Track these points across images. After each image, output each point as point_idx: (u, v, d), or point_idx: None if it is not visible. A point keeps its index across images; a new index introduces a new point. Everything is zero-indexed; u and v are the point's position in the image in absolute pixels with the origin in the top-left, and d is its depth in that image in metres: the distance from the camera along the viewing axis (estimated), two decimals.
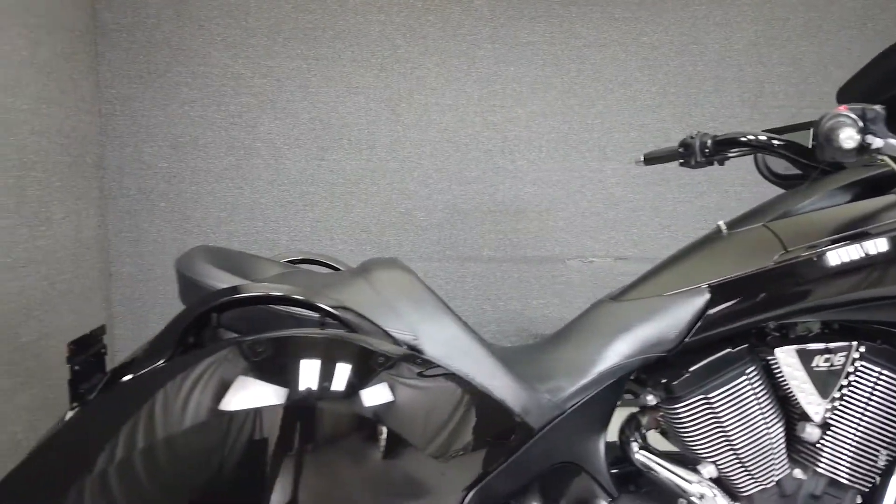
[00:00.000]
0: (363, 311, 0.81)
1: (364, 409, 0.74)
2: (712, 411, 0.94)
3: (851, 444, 0.94)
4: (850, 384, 0.95)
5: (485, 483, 0.82)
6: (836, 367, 0.95)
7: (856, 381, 0.94)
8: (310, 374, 0.73)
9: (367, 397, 0.74)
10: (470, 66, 2.25)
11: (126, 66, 2.13)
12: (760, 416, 0.94)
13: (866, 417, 0.94)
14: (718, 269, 0.95)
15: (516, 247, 2.31)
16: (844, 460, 0.95)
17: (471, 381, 0.80)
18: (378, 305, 0.84)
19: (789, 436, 0.98)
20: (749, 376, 0.94)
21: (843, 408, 0.95)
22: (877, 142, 0.86)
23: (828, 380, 0.94)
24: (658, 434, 1.04)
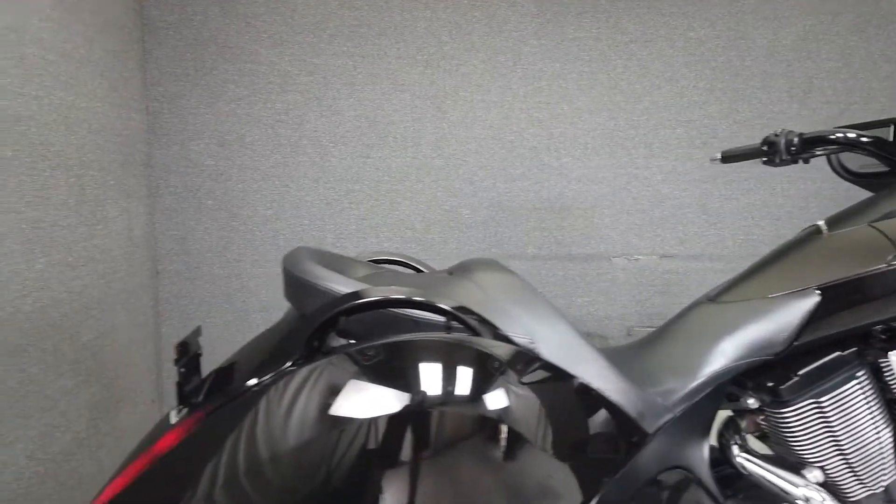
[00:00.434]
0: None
1: (494, 414, 0.73)
2: (822, 416, 0.92)
3: None
4: None
5: (601, 492, 0.80)
6: None
7: None
8: (445, 378, 0.72)
9: (496, 402, 0.73)
10: (515, 63, 2.23)
11: (173, 63, 2.12)
12: (870, 420, 0.93)
13: None
14: (827, 271, 0.93)
15: (561, 244, 2.30)
16: None
17: (590, 386, 0.79)
18: (492, 308, 0.83)
19: None
20: (860, 380, 0.93)
21: None
22: None
23: None
24: (750, 436, 1.03)
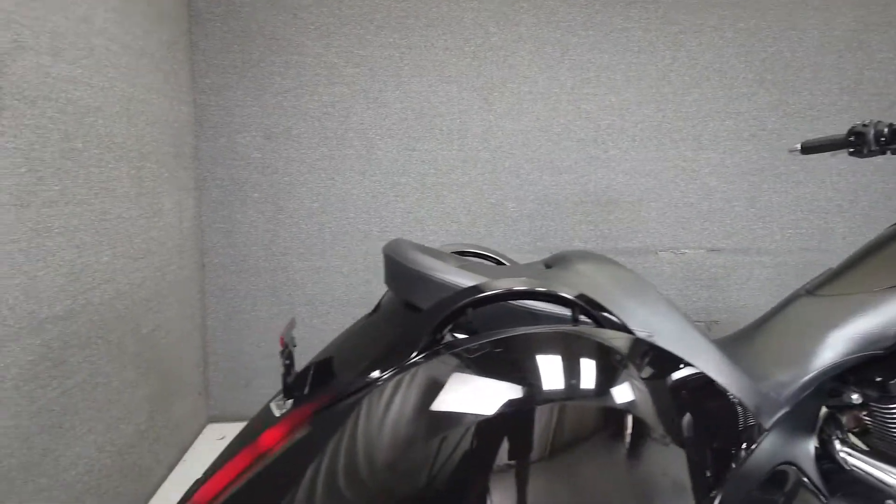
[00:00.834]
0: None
1: (618, 408, 0.72)
2: None
3: None
4: None
5: (720, 489, 0.79)
6: None
7: None
8: (570, 371, 0.70)
9: (621, 396, 0.72)
10: (563, 54, 2.21)
11: (220, 55, 2.11)
12: None
13: None
14: None
15: (607, 238, 2.28)
16: None
17: (713, 379, 0.78)
18: (607, 301, 0.81)
19: None
20: None
21: None
22: None
23: None
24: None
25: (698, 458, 0.76)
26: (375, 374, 0.74)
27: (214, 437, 2.13)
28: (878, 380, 0.93)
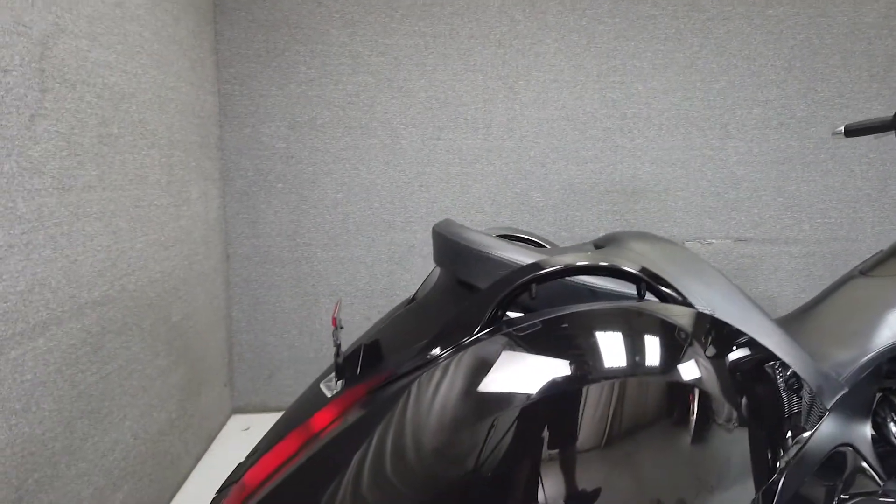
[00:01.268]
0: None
1: (684, 386, 0.71)
2: None
3: None
4: None
5: (786, 468, 0.78)
6: None
7: None
8: (635, 348, 0.69)
9: (686, 373, 0.71)
10: (589, 42, 2.19)
11: (245, 45, 2.11)
12: None
13: None
14: None
15: (633, 227, 2.26)
16: None
17: (779, 357, 0.76)
18: (667, 277, 0.80)
19: None
20: None
21: None
22: None
23: None
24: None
25: (761, 440, 0.75)
26: (435, 352, 0.73)
27: (239, 427, 2.13)
28: None
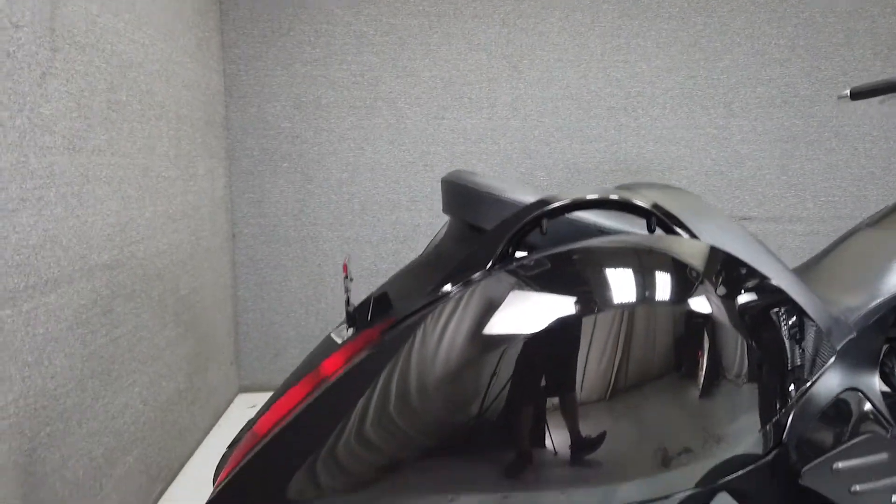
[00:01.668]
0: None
1: (696, 320, 0.71)
2: None
3: None
4: None
5: (789, 411, 0.78)
6: None
7: None
8: (644, 282, 0.70)
9: (699, 308, 0.71)
10: (593, 21, 2.19)
11: (250, 25, 2.11)
12: None
13: None
14: None
15: None
16: None
17: (790, 296, 0.77)
18: (681, 217, 0.80)
19: None
20: None
21: None
22: None
23: None
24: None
25: (769, 378, 0.75)
26: (446, 289, 0.74)
27: (245, 405, 2.14)
28: None
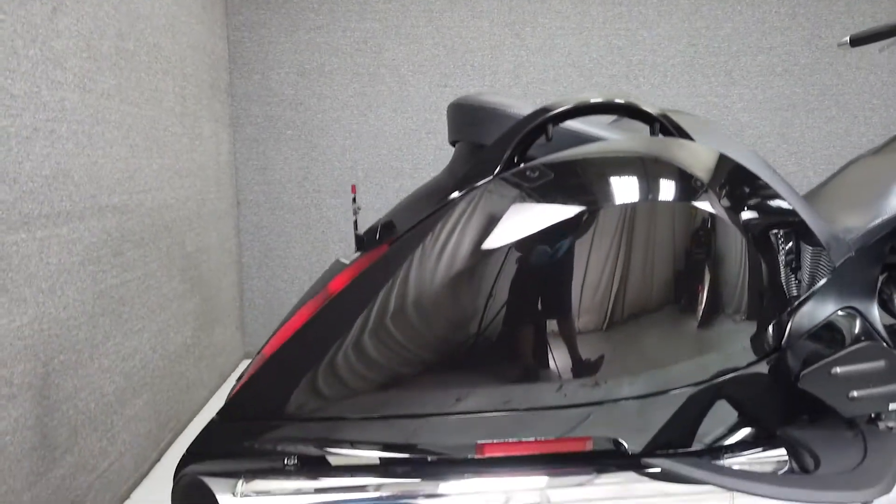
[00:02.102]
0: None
1: (697, 229, 0.73)
2: None
3: None
4: None
5: (788, 319, 0.80)
6: None
7: None
8: (659, 184, 0.71)
9: (701, 214, 0.73)
10: None
11: None
12: None
13: None
14: None
15: None
16: None
17: (793, 208, 0.79)
18: (687, 129, 0.82)
19: None
20: None
21: None
22: None
23: None
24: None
25: (769, 285, 0.77)
26: (452, 196, 0.75)
27: None
28: None
